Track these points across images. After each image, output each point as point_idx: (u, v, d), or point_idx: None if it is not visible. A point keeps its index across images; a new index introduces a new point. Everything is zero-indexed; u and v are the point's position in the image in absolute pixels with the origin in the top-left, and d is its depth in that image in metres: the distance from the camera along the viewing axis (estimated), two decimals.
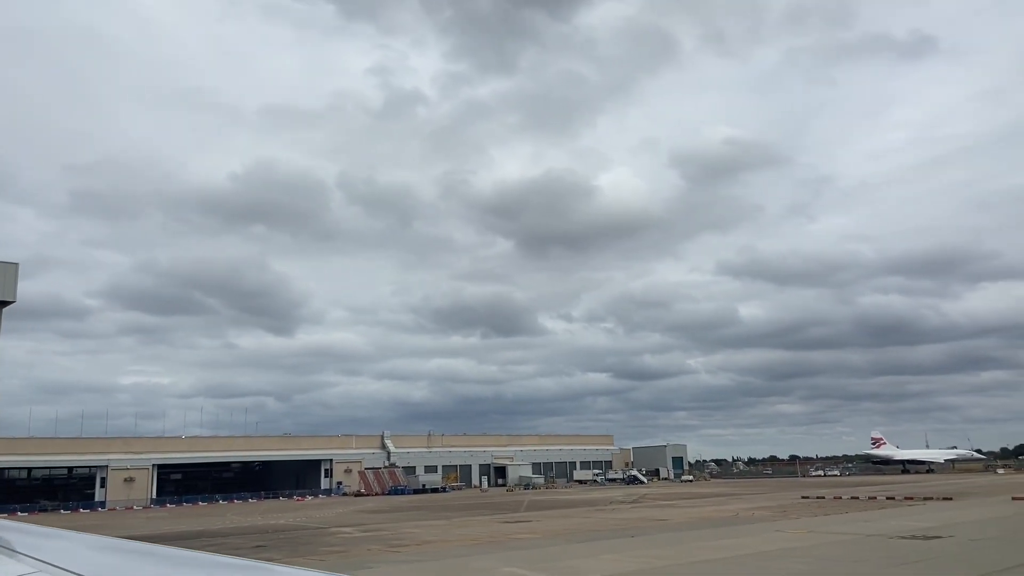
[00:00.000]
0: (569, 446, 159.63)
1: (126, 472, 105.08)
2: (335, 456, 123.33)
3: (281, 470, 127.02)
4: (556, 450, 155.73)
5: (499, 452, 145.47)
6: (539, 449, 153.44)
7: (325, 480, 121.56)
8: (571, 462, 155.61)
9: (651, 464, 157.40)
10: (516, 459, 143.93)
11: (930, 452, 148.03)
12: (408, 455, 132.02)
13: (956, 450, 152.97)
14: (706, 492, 77.87)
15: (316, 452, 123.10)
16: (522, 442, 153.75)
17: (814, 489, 76.08)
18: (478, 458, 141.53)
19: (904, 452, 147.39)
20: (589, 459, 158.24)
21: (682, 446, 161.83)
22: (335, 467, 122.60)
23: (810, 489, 76.25)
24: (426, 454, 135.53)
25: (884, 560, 22.83)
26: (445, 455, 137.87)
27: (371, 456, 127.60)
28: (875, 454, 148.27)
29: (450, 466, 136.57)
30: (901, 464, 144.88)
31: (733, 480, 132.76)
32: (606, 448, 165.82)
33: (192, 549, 4.31)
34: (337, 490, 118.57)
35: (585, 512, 50.73)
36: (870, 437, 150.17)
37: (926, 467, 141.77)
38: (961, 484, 79.61)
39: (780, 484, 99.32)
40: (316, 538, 36.80)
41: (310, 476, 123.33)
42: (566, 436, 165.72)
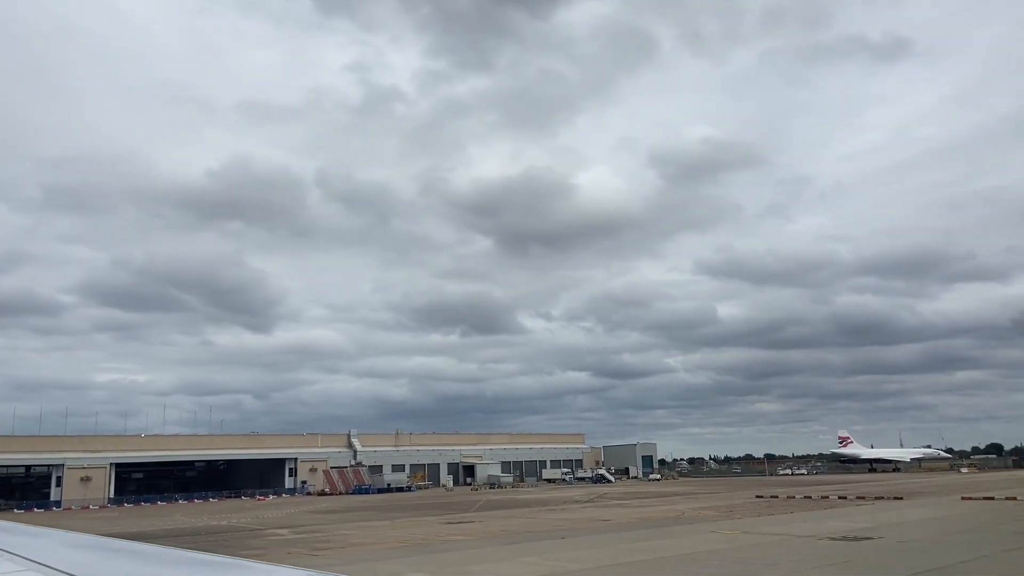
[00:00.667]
0: (539, 445, 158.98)
1: (83, 471, 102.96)
2: (300, 455, 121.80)
3: (246, 469, 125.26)
4: (526, 449, 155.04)
5: (468, 451, 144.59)
6: (509, 448, 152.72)
7: (290, 479, 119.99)
8: (541, 461, 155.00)
9: (621, 463, 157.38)
10: (485, 458, 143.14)
11: (896, 451, 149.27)
12: (375, 454, 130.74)
13: (923, 449, 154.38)
14: (666, 491, 77.51)
15: (281, 451, 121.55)
16: (492, 441, 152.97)
17: (774, 488, 75.98)
18: (447, 457, 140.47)
19: (871, 451, 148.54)
20: (560, 458, 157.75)
21: (652, 445, 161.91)
22: (300, 466, 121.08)
23: (771, 488, 76.15)
24: (393, 453, 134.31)
25: (800, 563, 22.28)
26: (413, 454, 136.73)
27: (337, 455, 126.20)
28: (842, 453, 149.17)
29: (418, 465, 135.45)
30: (868, 463, 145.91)
31: (701, 479, 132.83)
32: (577, 447, 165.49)
33: None
34: (302, 489, 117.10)
35: (534, 512, 50.02)
36: (837, 436, 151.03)
37: (892, 466, 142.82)
38: (920, 483, 79.97)
39: (744, 483, 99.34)
40: (244, 540, 35.77)
41: (275, 475, 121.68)
42: (536, 435, 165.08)
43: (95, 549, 4.59)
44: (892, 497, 53.53)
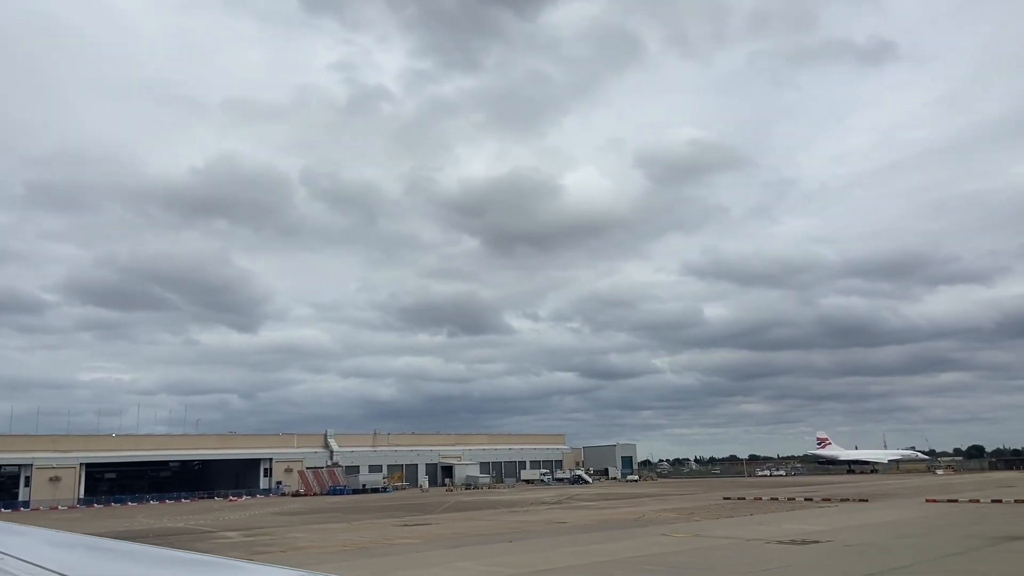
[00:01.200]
0: (519, 445, 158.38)
1: (52, 471, 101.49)
2: (275, 455, 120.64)
3: (221, 469, 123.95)
4: (505, 449, 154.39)
5: (447, 451, 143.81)
6: (488, 448, 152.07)
7: (265, 480, 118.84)
8: (521, 461, 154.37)
9: (601, 464, 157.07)
10: (464, 459, 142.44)
11: (874, 452, 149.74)
12: (352, 454, 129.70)
13: (901, 451, 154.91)
14: (638, 493, 77.15)
15: (256, 451, 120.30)
16: (471, 441, 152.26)
17: (749, 490, 75.74)
18: (425, 457, 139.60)
19: (849, 452, 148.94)
20: (540, 459, 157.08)
21: (632, 446, 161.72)
22: (275, 466, 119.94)
23: (745, 490, 75.93)
24: (371, 454, 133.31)
25: (738, 567, 21.85)
26: (391, 454, 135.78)
27: (313, 455, 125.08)
28: (820, 454, 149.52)
29: (396, 466, 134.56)
30: (847, 464, 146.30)
31: (679, 480, 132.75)
32: (557, 447, 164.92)
33: None
34: (277, 490, 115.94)
35: (498, 514, 49.45)
36: (816, 438, 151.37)
37: (870, 467, 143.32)
38: (891, 485, 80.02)
39: (720, 484, 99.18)
40: (190, 543, 35.00)
41: (250, 476, 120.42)
42: (516, 436, 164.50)
43: (83, 548, 4.58)
44: (858, 499, 53.34)
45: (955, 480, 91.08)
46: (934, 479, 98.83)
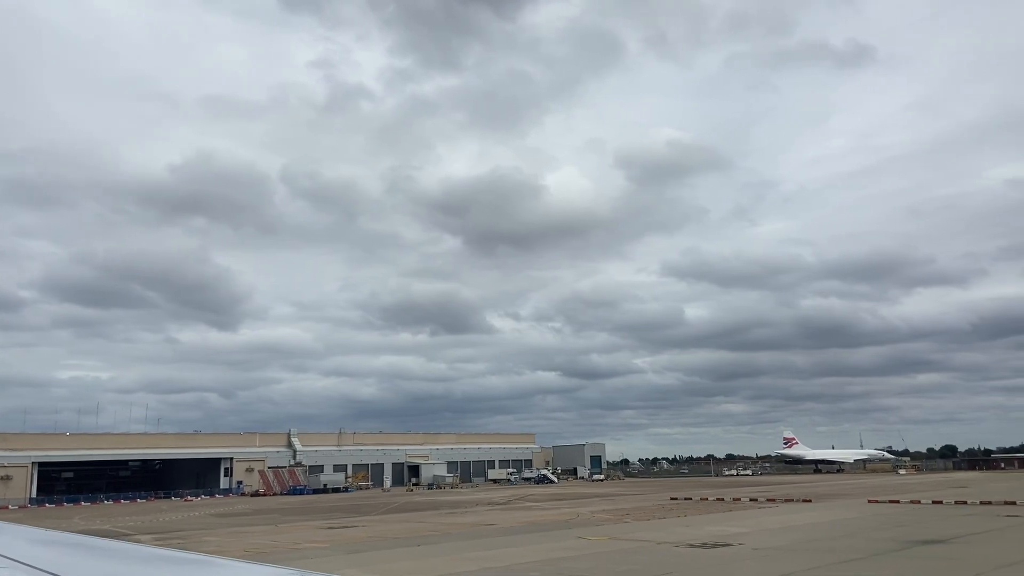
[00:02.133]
0: (488, 445, 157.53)
1: (2, 470, 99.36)
2: (236, 455, 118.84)
3: (182, 469, 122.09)
4: (474, 449, 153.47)
5: (414, 451, 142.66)
6: (456, 448, 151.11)
7: (225, 479, 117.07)
8: (490, 461, 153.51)
9: (570, 463, 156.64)
10: (432, 458, 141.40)
11: (840, 452, 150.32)
12: (316, 453, 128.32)
13: (868, 451, 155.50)
14: (593, 493, 76.49)
15: (216, 451, 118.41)
16: (439, 441, 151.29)
17: (704, 490, 75.39)
18: (392, 457, 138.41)
19: (815, 452, 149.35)
20: (509, 458, 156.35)
21: (600, 445, 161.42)
22: (236, 466, 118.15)
23: (701, 489, 75.60)
24: (336, 453, 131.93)
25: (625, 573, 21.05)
26: (356, 453, 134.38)
27: (276, 455, 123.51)
28: (787, 454, 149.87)
29: (361, 465, 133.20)
30: (814, 464, 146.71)
31: (644, 480, 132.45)
32: (527, 447, 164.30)
33: None
34: (237, 490, 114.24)
35: (433, 516, 48.54)
36: (783, 437, 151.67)
37: (836, 467, 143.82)
38: (847, 485, 79.95)
39: (681, 484, 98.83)
40: None
41: (211, 475, 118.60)
42: (486, 435, 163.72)
43: (70, 547, 4.55)
44: (802, 500, 52.97)
45: (912, 480, 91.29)
46: (893, 479, 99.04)
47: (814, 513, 41.65)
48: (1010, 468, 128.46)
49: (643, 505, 52.26)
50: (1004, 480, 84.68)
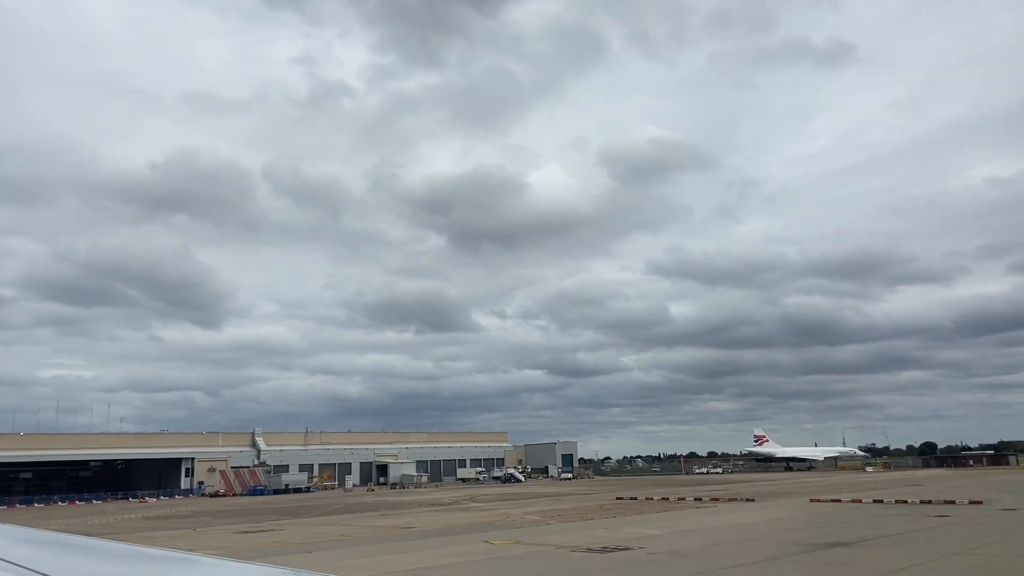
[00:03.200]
0: (459, 443, 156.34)
1: None
2: (198, 454, 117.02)
3: (145, 469, 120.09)
4: (444, 448, 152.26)
5: (382, 450, 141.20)
6: (427, 447, 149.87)
7: (186, 480, 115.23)
8: (461, 460, 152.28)
9: (542, 462, 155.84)
10: (401, 457, 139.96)
11: (811, 450, 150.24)
12: (281, 453, 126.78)
13: (839, 448, 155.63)
14: (547, 492, 75.48)
15: (177, 450, 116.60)
16: (409, 440, 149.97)
17: (660, 488, 74.71)
18: (359, 456, 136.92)
19: (786, 450, 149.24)
20: (481, 456, 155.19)
21: (572, 444, 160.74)
22: (198, 466, 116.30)
23: (658, 488, 74.96)
24: (301, 452, 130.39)
25: None
26: (323, 453, 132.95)
27: (239, 455, 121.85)
28: (758, 452, 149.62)
29: (328, 464, 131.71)
30: (785, 462, 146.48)
31: (613, 478, 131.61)
32: (499, 446, 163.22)
33: None
34: (198, 490, 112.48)
35: (364, 518, 47.30)
36: (753, 435, 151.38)
37: (807, 465, 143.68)
38: (801, 483, 79.35)
39: (643, 482, 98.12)
40: None
41: (173, 476, 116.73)
42: (458, 433, 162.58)
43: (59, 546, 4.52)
44: (746, 499, 52.12)
45: (873, 478, 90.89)
46: (856, 477, 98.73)
47: (746, 513, 40.72)
48: (978, 466, 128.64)
49: (583, 505, 51.22)
50: (964, 478, 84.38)
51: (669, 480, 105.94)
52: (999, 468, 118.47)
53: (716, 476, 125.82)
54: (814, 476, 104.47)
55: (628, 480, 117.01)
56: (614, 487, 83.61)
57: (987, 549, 23.54)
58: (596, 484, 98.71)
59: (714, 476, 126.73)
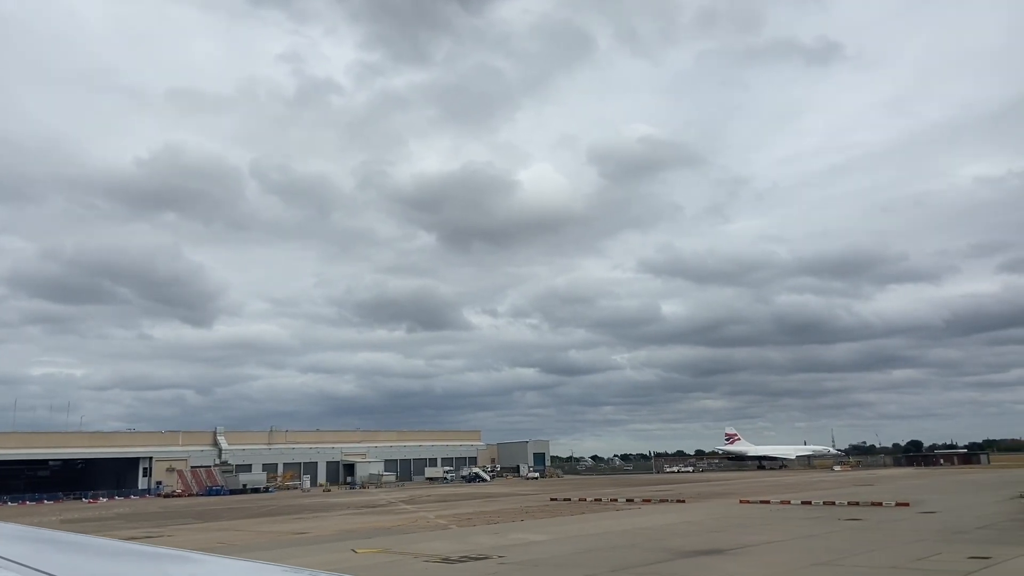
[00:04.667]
0: (430, 442, 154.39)
1: None
2: (156, 454, 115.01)
3: (104, 469, 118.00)
4: (415, 446, 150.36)
5: (350, 449, 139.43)
6: (396, 445, 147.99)
7: (144, 480, 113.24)
8: (432, 459, 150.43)
9: (514, 461, 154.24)
10: (370, 456, 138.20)
11: (783, 448, 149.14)
12: (244, 452, 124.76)
13: (812, 447, 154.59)
14: (495, 493, 74.04)
15: (134, 450, 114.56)
16: (378, 438, 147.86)
17: (610, 488, 73.49)
18: (326, 455, 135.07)
19: (758, 448, 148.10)
20: (453, 455, 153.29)
21: (544, 442, 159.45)
22: (156, 466, 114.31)
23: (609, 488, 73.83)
24: (265, 451, 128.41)
25: None
26: (288, 452, 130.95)
27: (200, 454, 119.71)
28: (729, 450, 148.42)
29: (293, 464, 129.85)
30: (757, 460, 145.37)
31: (580, 478, 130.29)
32: (472, 444, 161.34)
33: None
34: (156, 490, 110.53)
35: (265, 523, 45.68)
36: (724, 433, 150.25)
37: (779, 463, 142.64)
38: (753, 483, 78.13)
39: (602, 482, 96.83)
40: None
41: (131, 475, 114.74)
42: (429, 432, 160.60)
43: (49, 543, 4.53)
44: (677, 500, 50.78)
45: (833, 477, 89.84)
46: (820, 476, 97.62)
47: (660, 516, 39.29)
48: (949, 465, 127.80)
49: (508, 508, 49.71)
50: (925, 477, 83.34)
51: (633, 480, 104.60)
52: (969, 467, 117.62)
53: (685, 475, 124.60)
54: (775, 475, 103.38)
55: (591, 480, 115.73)
56: (567, 487, 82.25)
57: (854, 559, 22.14)
58: (556, 484, 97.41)
59: (683, 475, 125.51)
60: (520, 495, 66.31)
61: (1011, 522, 31.78)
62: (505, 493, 71.77)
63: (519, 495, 66.44)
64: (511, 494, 69.07)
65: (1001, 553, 22.00)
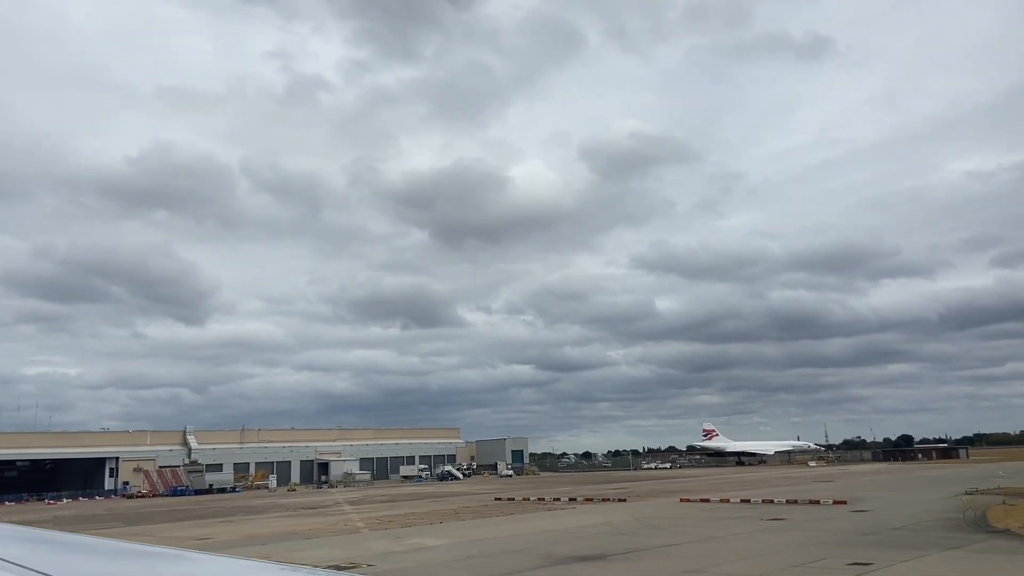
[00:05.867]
0: (408, 440, 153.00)
1: None
2: (123, 454, 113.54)
3: (72, 469, 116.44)
4: (392, 444, 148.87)
5: (325, 447, 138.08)
6: (373, 444, 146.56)
7: (110, 480, 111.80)
8: (409, 456, 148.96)
9: (492, 458, 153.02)
10: (345, 454, 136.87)
11: (762, 444, 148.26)
12: (215, 452, 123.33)
13: (791, 442, 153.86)
14: (453, 491, 72.86)
15: (100, 450, 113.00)
16: (353, 436, 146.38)
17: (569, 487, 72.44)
18: (300, 454, 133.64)
19: (736, 444, 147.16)
20: (431, 453, 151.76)
21: (523, 439, 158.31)
22: (123, 466, 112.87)
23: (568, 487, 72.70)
24: (237, 451, 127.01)
25: None
26: (260, 451, 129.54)
27: (168, 454, 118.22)
28: (706, 446, 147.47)
29: (266, 463, 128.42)
30: (736, 456, 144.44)
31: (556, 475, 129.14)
32: (451, 442, 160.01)
33: None
34: (123, 490, 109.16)
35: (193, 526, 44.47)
36: (702, 429, 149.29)
37: (758, 459, 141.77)
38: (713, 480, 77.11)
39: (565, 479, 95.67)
40: None
41: (99, 476, 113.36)
42: (407, 429, 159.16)
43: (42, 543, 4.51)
44: (619, 499, 49.60)
45: (800, 473, 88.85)
46: (789, 471, 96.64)
47: (583, 517, 38.10)
48: (926, 460, 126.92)
49: (446, 509, 48.42)
50: (890, 473, 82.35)
51: (602, 477, 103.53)
52: (946, 462, 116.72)
53: (657, 472, 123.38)
54: (745, 471, 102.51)
55: (563, 477, 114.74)
56: (528, 485, 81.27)
57: (730, 566, 20.97)
58: (523, 482, 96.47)
59: (656, 472, 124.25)
60: (473, 494, 65.10)
61: (935, 522, 30.70)
62: (461, 492, 70.56)
63: (472, 494, 65.25)
64: (466, 493, 67.88)
65: (888, 558, 20.87)
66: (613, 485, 73.14)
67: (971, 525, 28.56)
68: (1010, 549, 21.79)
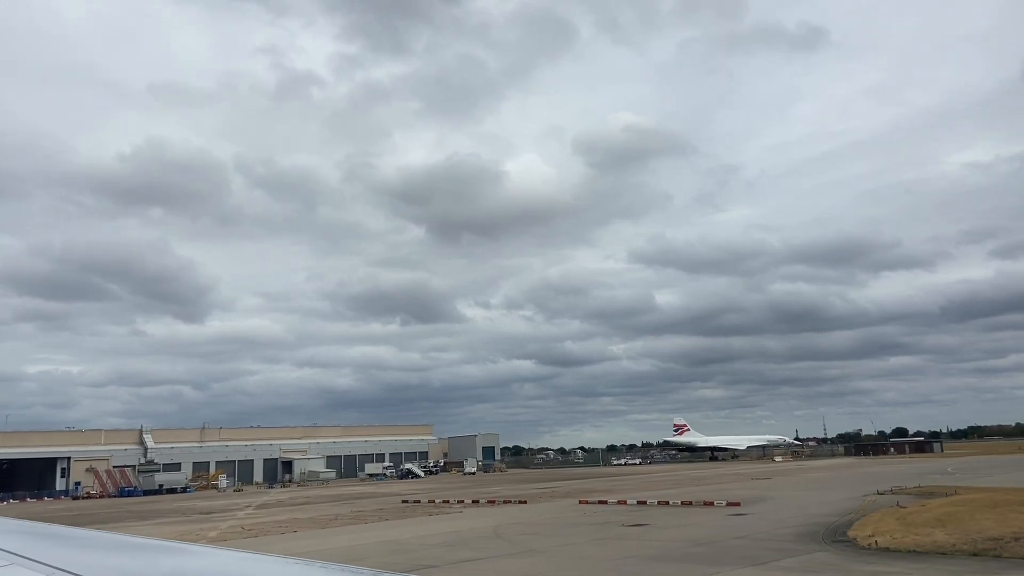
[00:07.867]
0: (377, 437, 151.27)
1: None
2: (75, 454, 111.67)
3: (26, 470, 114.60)
4: (360, 442, 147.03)
5: (289, 445, 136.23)
6: (340, 441, 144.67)
7: (61, 480, 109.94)
8: (379, 454, 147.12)
9: (464, 455, 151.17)
10: (311, 452, 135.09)
11: (734, 439, 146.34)
12: (173, 451, 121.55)
13: (767, 436, 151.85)
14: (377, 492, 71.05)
15: (50, 449, 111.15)
16: (320, 434, 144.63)
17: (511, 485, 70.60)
18: (263, 452, 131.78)
19: (708, 439, 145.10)
20: (402, 450, 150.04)
21: (494, 436, 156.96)
22: (75, 466, 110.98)
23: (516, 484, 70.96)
24: (196, 450, 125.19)
25: None
26: (220, 450, 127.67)
27: (123, 453, 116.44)
28: (678, 441, 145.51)
29: (227, 462, 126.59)
30: (709, 451, 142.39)
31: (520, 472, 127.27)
32: (423, 439, 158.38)
33: None
34: (75, 491, 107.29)
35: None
36: (673, 424, 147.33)
37: (731, 453, 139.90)
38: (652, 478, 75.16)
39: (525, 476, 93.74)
40: None
41: (51, 476, 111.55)
42: (377, 427, 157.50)
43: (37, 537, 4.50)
44: (519, 501, 47.69)
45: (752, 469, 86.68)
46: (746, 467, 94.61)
47: (455, 523, 36.11)
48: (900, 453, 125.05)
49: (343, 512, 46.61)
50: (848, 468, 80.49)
51: (557, 475, 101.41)
52: (917, 456, 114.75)
53: (626, 468, 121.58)
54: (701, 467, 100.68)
55: (525, 474, 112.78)
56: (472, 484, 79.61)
57: None
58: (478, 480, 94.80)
59: (626, 468, 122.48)
60: (397, 495, 63.08)
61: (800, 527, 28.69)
62: (392, 493, 68.61)
63: (395, 495, 63.27)
64: (395, 494, 65.86)
65: None
66: (550, 483, 71.30)
67: (827, 534, 26.55)
68: (815, 567, 19.71)
